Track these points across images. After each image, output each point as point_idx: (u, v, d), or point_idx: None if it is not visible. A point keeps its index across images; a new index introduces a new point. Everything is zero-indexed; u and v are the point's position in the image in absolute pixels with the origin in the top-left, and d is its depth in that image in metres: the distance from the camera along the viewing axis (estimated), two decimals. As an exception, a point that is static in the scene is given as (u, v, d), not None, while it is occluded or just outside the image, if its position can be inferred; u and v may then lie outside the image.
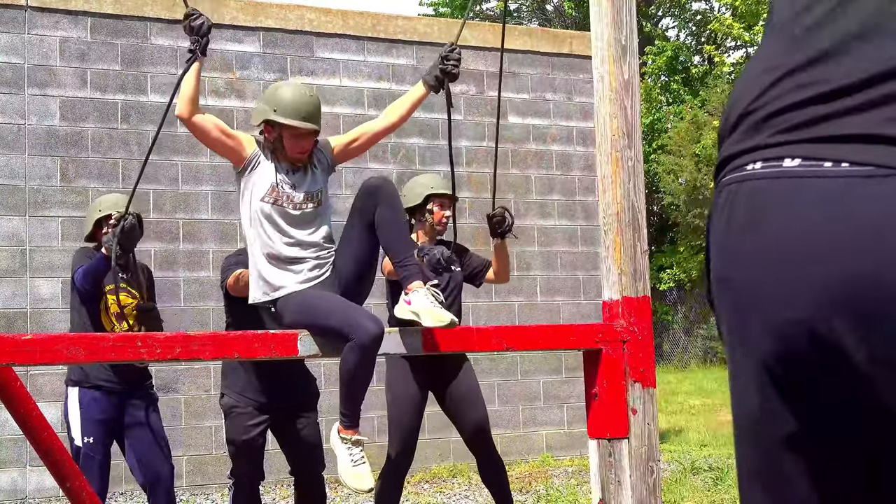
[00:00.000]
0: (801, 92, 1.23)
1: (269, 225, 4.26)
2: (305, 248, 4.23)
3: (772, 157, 1.23)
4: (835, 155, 1.17)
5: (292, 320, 3.97)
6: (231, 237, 9.27)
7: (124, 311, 5.22)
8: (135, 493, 8.51)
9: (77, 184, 8.82)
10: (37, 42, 8.84)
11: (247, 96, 9.47)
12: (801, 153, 1.20)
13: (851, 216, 1.13)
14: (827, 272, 1.15)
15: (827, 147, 1.18)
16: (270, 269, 4.19)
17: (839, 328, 1.15)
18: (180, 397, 8.95)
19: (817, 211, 1.16)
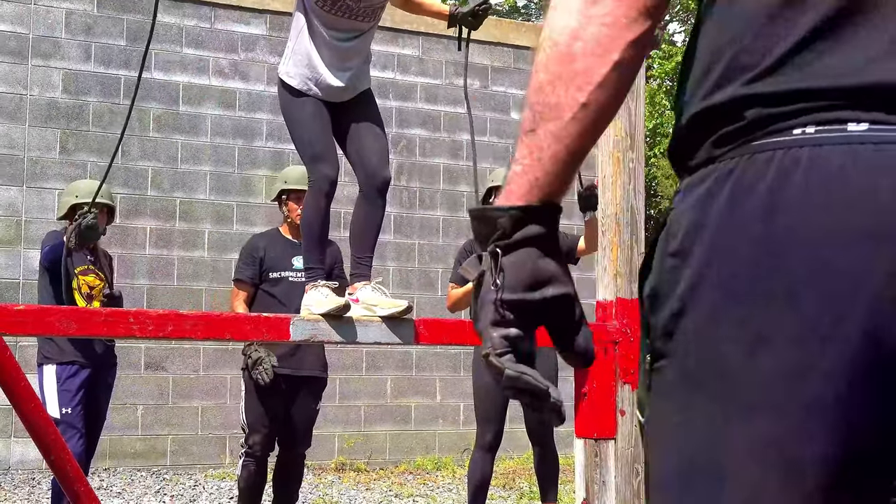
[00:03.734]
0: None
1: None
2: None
3: (830, 119, 1.01)
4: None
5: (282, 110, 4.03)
6: (227, 219, 9.26)
7: (92, 291, 5.35)
8: (118, 469, 8.52)
9: (76, 157, 8.81)
10: (43, 13, 8.82)
11: (251, 78, 9.45)
12: (867, 116, 1.00)
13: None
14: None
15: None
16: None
17: None
18: (168, 376, 8.95)
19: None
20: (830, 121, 1.01)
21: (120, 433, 8.60)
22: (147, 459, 8.80)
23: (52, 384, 5.26)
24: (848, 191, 0.99)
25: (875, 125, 1.00)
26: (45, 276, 5.38)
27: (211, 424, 9.03)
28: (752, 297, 1.02)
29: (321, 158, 3.82)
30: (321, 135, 3.87)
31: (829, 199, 0.99)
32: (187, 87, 9.23)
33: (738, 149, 1.05)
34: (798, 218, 1.00)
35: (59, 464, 4.51)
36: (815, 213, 1.00)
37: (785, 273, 1.01)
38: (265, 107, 9.32)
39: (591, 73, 1.13)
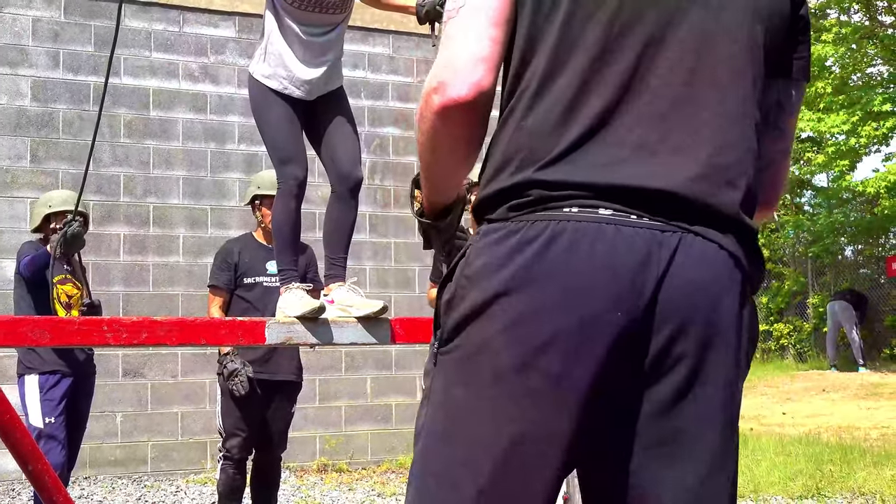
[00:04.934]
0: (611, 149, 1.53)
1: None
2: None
3: (587, 204, 1.50)
4: (639, 208, 1.50)
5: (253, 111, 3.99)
6: (202, 223, 9.23)
7: (71, 300, 5.34)
8: (99, 478, 8.48)
9: (47, 165, 8.75)
10: (9, 21, 8.76)
11: (221, 81, 9.41)
12: (612, 206, 1.50)
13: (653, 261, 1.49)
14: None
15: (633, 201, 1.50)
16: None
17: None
18: (147, 382, 8.91)
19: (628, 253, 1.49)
20: (587, 205, 1.49)
21: (100, 441, 8.56)
22: (127, 467, 8.76)
23: (34, 394, 5.24)
24: (594, 255, 1.47)
25: (618, 212, 1.49)
26: (23, 287, 5.36)
27: (191, 430, 9.00)
28: (517, 314, 1.49)
29: (290, 160, 3.81)
30: (290, 137, 3.85)
31: (581, 258, 1.47)
32: (157, 92, 9.18)
33: (525, 215, 1.52)
34: (558, 270, 1.48)
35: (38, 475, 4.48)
36: (571, 265, 1.48)
37: (542, 304, 1.48)
38: (237, 110, 9.29)
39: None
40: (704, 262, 1.51)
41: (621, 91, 1.54)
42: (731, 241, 1.54)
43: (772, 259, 21.34)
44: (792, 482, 7.19)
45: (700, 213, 1.52)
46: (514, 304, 1.49)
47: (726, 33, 1.58)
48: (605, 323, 1.47)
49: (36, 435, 5.07)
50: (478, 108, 1.59)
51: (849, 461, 8.06)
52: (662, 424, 1.53)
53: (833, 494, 6.83)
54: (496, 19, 1.60)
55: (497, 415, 1.51)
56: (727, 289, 1.54)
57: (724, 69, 1.58)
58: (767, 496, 6.84)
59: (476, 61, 1.58)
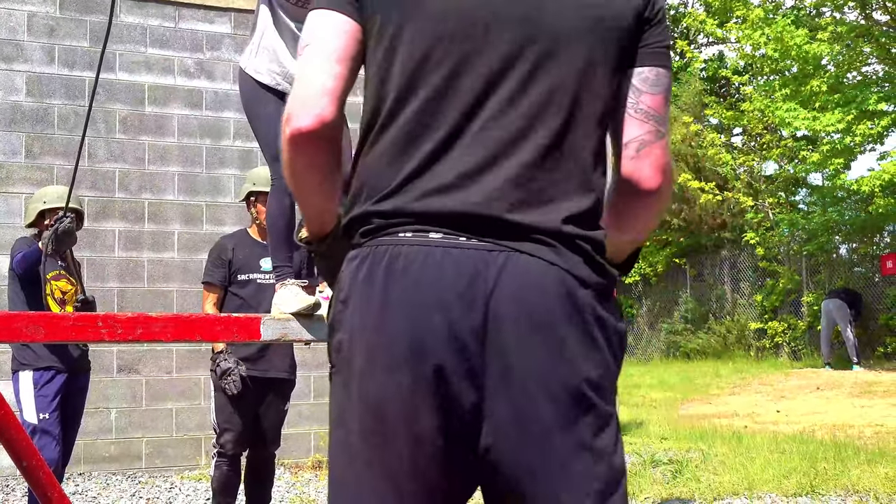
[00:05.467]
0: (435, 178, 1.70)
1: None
2: None
3: (419, 229, 1.68)
4: (467, 231, 1.67)
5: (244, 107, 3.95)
6: (197, 219, 9.22)
7: (65, 296, 5.33)
8: (93, 474, 8.47)
9: (42, 161, 8.73)
10: (4, 15, 8.73)
11: (217, 77, 9.40)
12: (441, 230, 1.67)
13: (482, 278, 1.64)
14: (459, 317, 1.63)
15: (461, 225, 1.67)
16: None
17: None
18: (141, 379, 8.90)
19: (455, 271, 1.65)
20: (419, 230, 1.68)
21: (94, 437, 8.55)
22: (122, 463, 8.75)
23: (28, 390, 5.23)
24: (424, 274, 1.64)
25: (446, 235, 1.66)
26: (16, 283, 5.34)
27: (185, 426, 8.99)
28: (368, 339, 1.68)
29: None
30: None
31: (414, 276, 1.65)
32: (153, 88, 9.17)
33: (371, 241, 1.72)
34: (397, 287, 1.66)
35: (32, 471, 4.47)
36: (406, 285, 1.65)
37: (382, 322, 1.66)
38: (232, 106, 9.27)
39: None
40: (532, 278, 1.65)
41: (455, 126, 1.70)
42: (559, 255, 1.68)
43: (766, 257, 21.38)
44: (786, 480, 7.20)
45: (524, 233, 1.67)
46: (363, 333, 1.69)
47: (566, 70, 1.73)
48: (435, 340, 1.62)
49: (30, 431, 5.06)
50: (322, 137, 1.74)
51: (843, 459, 8.07)
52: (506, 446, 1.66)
53: (827, 492, 6.84)
54: (339, 56, 1.76)
55: (364, 426, 1.71)
56: (559, 297, 1.66)
57: (562, 102, 1.72)
58: (762, 493, 6.85)
59: (319, 95, 1.73)
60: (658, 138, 1.84)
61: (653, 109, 1.84)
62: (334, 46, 1.77)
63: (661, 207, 1.92)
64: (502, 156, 1.69)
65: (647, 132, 1.84)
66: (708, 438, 9.87)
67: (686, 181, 22.66)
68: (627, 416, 12.23)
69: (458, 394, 1.64)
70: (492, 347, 1.63)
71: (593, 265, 1.73)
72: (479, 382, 1.64)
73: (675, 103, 25.40)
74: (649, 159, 1.83)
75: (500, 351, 1.64)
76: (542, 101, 1.72)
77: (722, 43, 24.29)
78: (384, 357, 1.66)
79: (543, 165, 1.71)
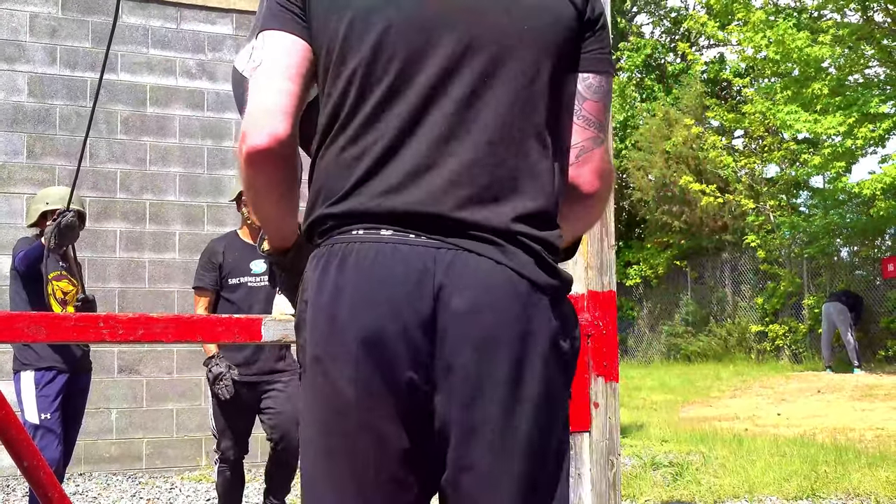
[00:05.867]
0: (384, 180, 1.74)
1: None
2: None
3: (370, 227, 1.73)
4: (416, 229, 1.71)
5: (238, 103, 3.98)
6: (198, 220, 9.22)
7: (66, 297, 5.33)
8: (94, 474, 8.47)
9: (44, 161, 8.74)
10: (6, 16, 8.74)
11: (218, 78, 9.41)
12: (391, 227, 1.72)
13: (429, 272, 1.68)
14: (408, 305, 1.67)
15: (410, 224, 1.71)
16: None
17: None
18: (142, 380, 8.90)
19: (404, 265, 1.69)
20: (371, 228, 1.72)
21: (95, 437, 8.55)
22: (122, 463, 8.76)
23: (30, 390, 5.23)
24: (375, 269, 1.69)
25: (396, 232, 1.71)
26: (18, 283, 5.34)
27: (186, 427, 8.99)
28: (324, 331, 1.72)
29: None
30: None
31: (365, 271, 1.69)
32: (154, 89, 9.17)
33: (327, 240, 1.77)
34: (349, 281, 1.70)
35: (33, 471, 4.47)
36: (358, 279, 1.69)
37: (336, 315, 1.70)
38: (234, 107, 9.26)
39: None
40: (478, 276, 1.68)
41: (402, 129, 1.74)
42: (506, 255, 1.71)
43: (767, 260, 21.38)
44: (787, 483, 7.20)
45: (471, 231, 1.70)
46: (319, 326, 1.73)
47: (505, 68, 1.76)
48: (386, 334, 1.66)
49: (32, 431, 5.06)
50: (277, 154, 1.78)
51: (843, 462, 8.07)
52: (456, 434, 1.70)
53: (828, 495, 6.85)
54: (291, 74, 1.81)
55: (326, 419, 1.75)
56: (507, 297, 1.69)
57: (508, 100, 1.76)
58: (762, 497, 6.85)
59: (272, 113, 1.77)
60: (598, 144, 1.91)
61: (594, 116, 1.89)
62: (285, 64, 1.82)
63: (601, 208, 2.00)
64: (446, 154, 1.73)
65: (587, 139, 1.90)
66: (708, 441, 9.87)
67: (687, 183, 22.67)
68: (628, 418, 12.23)
69: (407, 384, 1.68)
70: (440, 341, 1.67)
71: (543, 266, 1.75)
72: (428, 374, 1.68)
73: (676, 106, 25.40)
74: (589, 165, 1.90)
75: (447, 345, 1.67)
76: (486, 101, 1.76)
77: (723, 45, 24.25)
78: (338, 350, 1.70)
79: (487, 162, 1.74)
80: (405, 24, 1.76)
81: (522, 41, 1.78)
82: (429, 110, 1.74)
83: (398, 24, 1.76)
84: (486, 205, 1.72)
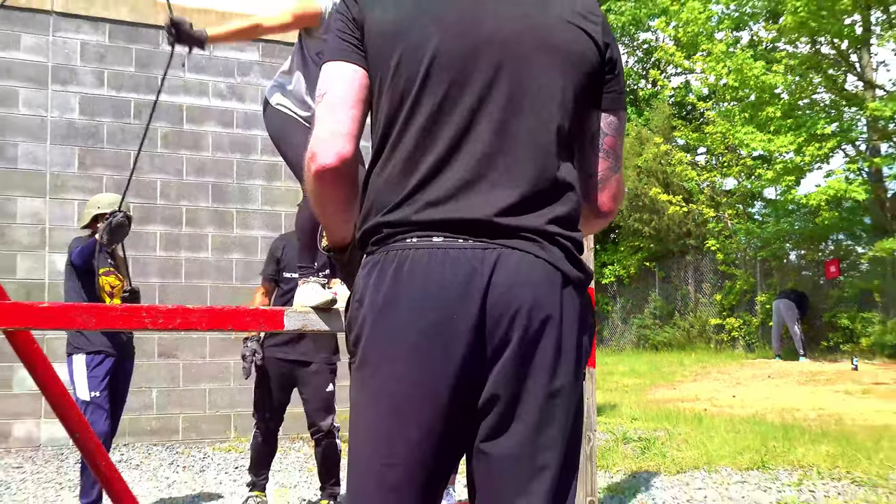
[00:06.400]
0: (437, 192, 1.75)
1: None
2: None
3: (424, 235, 1.73)
4: (464, 234, 1.72)
5: (272, 134, 3.94)
6: (228, 224, 9.24)
7: (113, 290, 5.35)
8: (136, 445, 8.49)
9: (93, 172, 8.76)
10: (60, 44, 8.76)
11: (246, 99, 9.42)
12: (442, 234, 1.73)
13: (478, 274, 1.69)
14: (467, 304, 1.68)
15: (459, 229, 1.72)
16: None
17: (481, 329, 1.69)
18: (179, 363, 8.92)
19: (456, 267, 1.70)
20: (424, 236, 1.72)
21: (137, 413, 8.57)
22: (161, 436, 8.77)
23: (81, 371, 5.24)
24: (429, 273, 1.69)
25: (447, 238, 1.71)
26: (73, 277, 5.34)
27: (217, 404, 9.01)
28: (384, 330, 1.72)
29: None
30: None
31: (420, 275, 1.69)
32: (190, 108, 9.19)
33: (382, 248, 1.76)
34: (406, 284, 1.70)
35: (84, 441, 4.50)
36: (414, 282, 1.70)
37: (394, 316, 1.70)
38: (260, 124, 9.26)
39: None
40: (521, 269, 1.71)
41: (451, 147, 1.75)
42: (544, 250, 1.74)
43: (725, 262, 21.39)
44: (740, 456, 7.21)
45: (514, 233, 1.72)
46: (378, 325, 1.72)
47: (542, 93, 1.79)
48: (446, 330, 1.67)
49: (83, 407, 5.08)
50: (342, 172, 1.80)
51: (790, 438, 8.08)
52: (500, 407, 1.72)
53: (776, 467, 6.86)
54: (352, 101, 1.82)
55: (379, 408, 1.74)
56: (544, 289, 1.72)
57: (539, 122, 1.78)
58: (719, 467, 6.87)
59: (338, 135, 1.79)
60: (615, 172, 1.96)
61: (612, 148, 1.94)
62: (347, 92, 1.82)
63: (611, 221, 2.07)
64: (489, 168, 1.75)
65: (607, 168, 1.95)
66: (672, 419, 9.88)
67: (656, 194, 22.66)
68: (602, 399, 12.24)
69: (461, 368, 1.69)
70: (489, 326, 1.69)
71: (573, 261, 1.78)
72: (479, 358, 1.70)
73: (647, 126, 25.39)
74: (607, 191, 1.96)
75: (497, 330, 1.69)
76: (521, 124, 1.78)
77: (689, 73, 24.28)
78: (397, 349, 1.70)
79: (523, 176, 1.76)
80: (447, 56, 1.77)
81: (549, 71, 1.80)
82: (471, 131, 1.76)
83: (441, 57, 1.77)
84: (525, 210, 1.74)
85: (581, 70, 1.84)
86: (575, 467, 1.82)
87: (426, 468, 1.73)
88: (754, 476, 6.54)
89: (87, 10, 8.84)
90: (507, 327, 1.69)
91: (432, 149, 1.76)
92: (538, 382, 1.72)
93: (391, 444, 1.72)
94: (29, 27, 8.65)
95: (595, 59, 1.86)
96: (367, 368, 1.76)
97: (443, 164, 1.75)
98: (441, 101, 1.77)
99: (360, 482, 1.77)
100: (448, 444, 1.75)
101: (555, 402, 1.74)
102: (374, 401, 1.75)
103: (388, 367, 1.72)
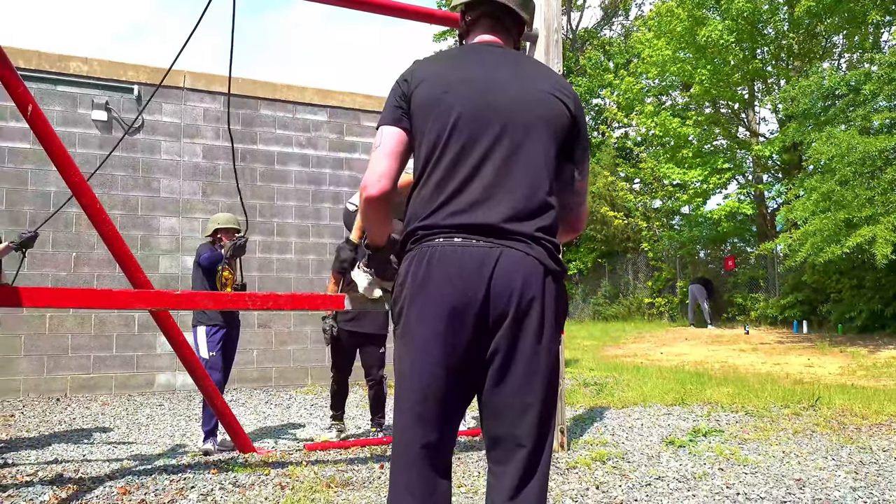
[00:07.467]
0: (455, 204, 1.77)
1: None
2: None
3: (448, 235, 1.75)
4: (477, 235, 1.73)
5: (345, 220, 4.22)
6: (305, 234, 9.23)
7: (227, 281, 5.32)
8: (242, 389, 8.48)
9: (212, 198, 8.77)
10: (189, 109, 8.78)
11: (318, 147, 9.42)
12: (462, 235, 1.74)
13: (486, 264, 1.71)
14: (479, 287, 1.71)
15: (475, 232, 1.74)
16: None
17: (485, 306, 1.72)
18: (272, 331, 8.92)
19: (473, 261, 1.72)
20: (448, 236, 1.74)
21: (243, 367, 8.57)
22: (260, 383, 8.77)
23: (203, 338, 5.21)
24: (449, 264, 1.72)
25: (464, 238, 1.73)
26: (199, 272, 5.28)
27: (299, 360, 9.00)
28: (419, 302, 1.73)
29: None
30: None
31: (445, 264, 1.72)
32: (279, 154, 9.19)
33: (417, 245, 1.78)
34: (435, 270, 1.72)
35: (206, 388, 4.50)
36: (439, 270, 1.72)
37: (427, 292, 1.72)
38: (327, 165, 9.29)
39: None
40: (516, 263, 1.72)
41: (467, 179, 1.77)
42: (533, 249, 1.75)
43: (654, 258, 21.28)
44: (666, 395, 7.16)
45: (512, 236, 1.74)
46: (416, 299, 1.74)
47: (532, 143, 1.81)
48: (463, 303, 1.70)
49: (204, 363, 5.06)
50: (384, 200, 1.84)
51: (702, 383, 8.02)
52: (500, 358, 1.74)
53: (692, 403, 6.81)
54: (395, 153, 1.85)
55: (416, 357, 1.75)
56: (532, 277, 1.73)
57: (529, 162, 1.79)
58: (651, 403, 6.82)
59: (382, 177, 1.82)
60: (581, 204, 1.98)
61: (581, 188, 1.96)
62: (392, 147, 1.86)
63: (578, 235, 2.12)
64: (494, 193, 1.77)
65: (577, 203, 1.97)
66: (619, 369, 9.83)
67: (606, 212, 22.58)
68: (569, 355, 12.18)
69: (474, 330, 1.72)
70: (493, 304, 1.71)
71: (553, 258, 1.79)
72: (486, 324, 1.73)
73: (597, 163, 25.31)
74: (576, 216, 1.98)
75: (499, 306, 1.72)
76: (517, 164, 1.80)
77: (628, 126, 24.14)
78: (429, 314, 1.73)
79: (519, 198, 1.78)
80: (467, 117, 1.81)
81: (537, 128, 1.82)
82: (481, 169, 1.79)
83: (463, 118, 1.81)
84: (520, 221, 1.76)
85: (559, 131, 1.86)
86: (554, 404, 1.82)
87: (447, 402, 1.74)
88: (677, 410, 6.49)
89: (208, 86, 8.85)
90: (506, 302, 1.72)
91: (454, 180, 1.79)
92: (527, 343, 1.73)
93: (423, 382, 1.73)
94: (168, 98, 8.68)
95: (568, 123, 1.88)
96: (408, 331, 1.76)
97: (461, 189, 1.78)
98: (460, 149, 1.81)
99: (401, 414, 1.78)
100: (465, 384, 1.76)
101: (539, 357, 1.75)
102: (412, 353, 1.76)
103: (423, 328, 1.73)
